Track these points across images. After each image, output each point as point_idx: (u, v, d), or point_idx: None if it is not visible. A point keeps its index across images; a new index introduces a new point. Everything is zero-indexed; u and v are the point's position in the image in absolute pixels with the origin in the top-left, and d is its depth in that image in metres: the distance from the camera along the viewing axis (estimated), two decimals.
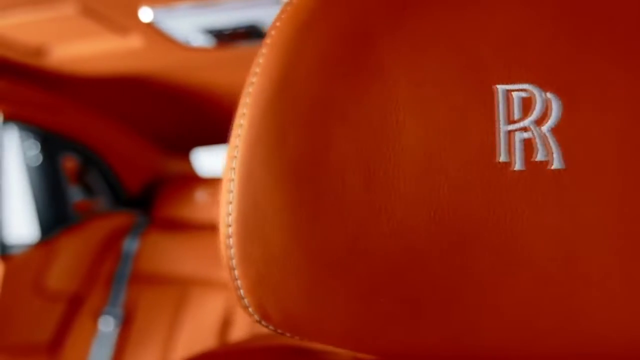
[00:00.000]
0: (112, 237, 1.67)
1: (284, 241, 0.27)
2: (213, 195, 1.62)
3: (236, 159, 0.28)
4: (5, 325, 1.40)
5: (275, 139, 0.27)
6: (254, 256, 0.27)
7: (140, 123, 1.70)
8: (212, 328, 1.46)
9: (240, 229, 0.27)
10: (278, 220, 0.27)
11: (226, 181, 0.28)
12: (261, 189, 0.27)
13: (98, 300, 1.56)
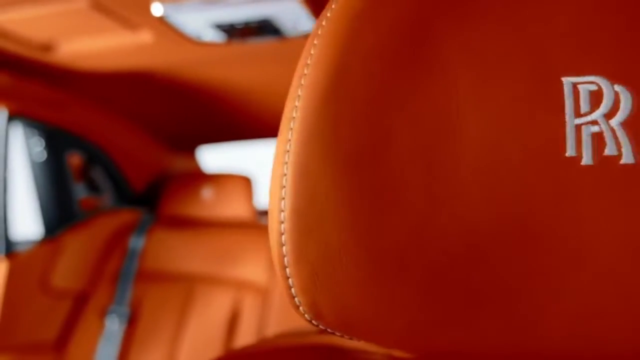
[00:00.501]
0: (117, 235, 1.66)
1: (341, 237, 0.26)
2: (219, 192, 1.61)
3: (289, 153, 0.27)
4: (11, 323, 1.39)
5: (332, 132, 0.26)
6: (309, 253, 0.26)
7: (146, 120, 1.69)
8: (220, 326, 1.45)
9: (294, 225, 0.26)
10: (335, 216, 0.26)
11: (277, 176, 0.27)
12: (317, 184, 0.26)
13: (104, 298, 1.55)
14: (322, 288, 0.26)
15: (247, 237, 1.56)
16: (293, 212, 0.26)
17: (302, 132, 0.26)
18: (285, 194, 0.26)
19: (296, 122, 0.27)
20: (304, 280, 0.27)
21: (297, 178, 0.26)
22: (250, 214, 1.58)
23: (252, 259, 1.52)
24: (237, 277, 1.51)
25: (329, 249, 0.26)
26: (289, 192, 0.26)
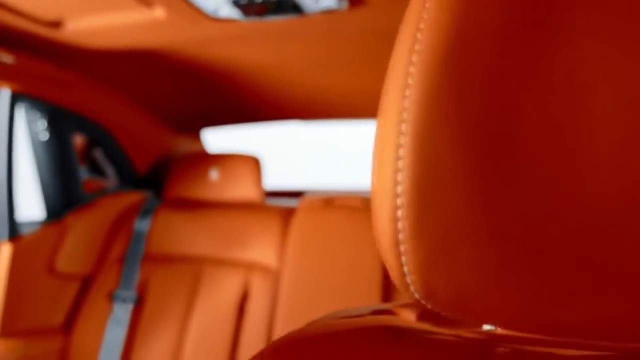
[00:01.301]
0: (122, 217, 1.64)
1: (463, 211, 0.24)
2: (227, 173, 1.59)
3: (406, 123, 0.25)
4: (17, 307, 1.37)
5: (456, 99, 0.24)
6: (427, 229, 0.25)
7: (152, 101, 1.66)
8: (229, 308, 1.44)
9: (414, 199, 0.25)
10: (458, 188, 0.24)
11: (392, 148, 0.25)
12: (439, 155, 0.24)
13: (110, 281, 1.53)
14: (439, 266, 0.25)
15: (256, 218, 1.54)
16: (413, 184, 0.25)
17: (421, 101, 0.24)
18: (402, 166, 0.25)
19: (413, 90, 0.25)
20: (420, 257, 0.25)
21: (417, 149, 0.24)
22: (259, 195, 1.56)
23: (261, 240, 1.50)
24: (246, 258, 1.49)
25: (449, 224, 0.24)
26: (408, 164, 0.25)
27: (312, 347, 0.35)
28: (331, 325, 0.38)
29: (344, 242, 1.43)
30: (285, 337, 0.37)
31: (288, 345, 0.36)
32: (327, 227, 1.46)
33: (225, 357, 1.39)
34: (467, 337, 0.33)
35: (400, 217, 0.25)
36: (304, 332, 0.38)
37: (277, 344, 0.37)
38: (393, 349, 0.33)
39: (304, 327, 0.39)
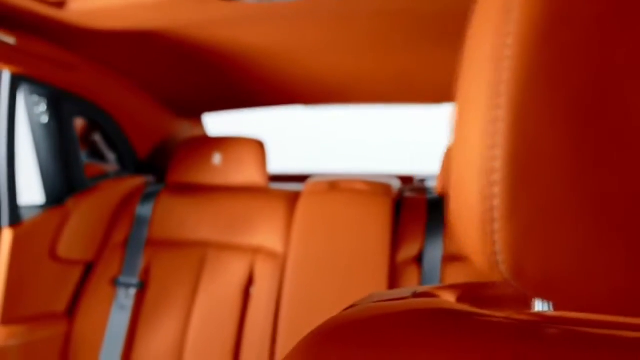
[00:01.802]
0: (124, 202, 1.62)
1: (560, 189, 0.23)
2: (230, 157, 1.57)
3: (504, 96, 0.24)
4: (20, 293, 1.35)
5: (554, 74, 0.23)
6: (523, 206, 0.24)
7: (154, 84, 1.63)
8: (234, 292, 1.43)
9: (510, 175, 0.23)
10: (556, 165, 0.23)
11: (487, 122, 0.24)
12: (538, 130, 0.23)
13: (113, 266, 1.52)
14: (533, 245, 0.24)
15: (260, 202, 1.53)
16: (510, 160, 0.23)
17: (520, 72, 0.23)
18: (499, 141, 0.24)
19: (511, 60, 0.24)
20: (514, 236, 0.24)
21: (516, 122, 0.23)
22: (263, 179, 1.54)
23: (266, 224, 1.49)
24: (251, 243, 1.48)
25: (546, 202, 0.23)
26: (505, 138, 0.23)
27: (366, 330, 0.34)
28: (378, 308, 0.37)
29: (349, 225, 1.42)
30: (331, 321, 0.36)
31: (339, 328, 0.35)
32: (332, 210, 1.46)
33: (231, 342, 1.38)
34: (518, 318, 0.32)
35: (496, 193, 0.24)
36: (350, 315, 0.37)
37: (324, 328, 0.36)
38: (448, 332, 0.32)
39: (346, 310, 0.38)
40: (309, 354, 0.34)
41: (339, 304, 1.35)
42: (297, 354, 0.34)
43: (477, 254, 0.26)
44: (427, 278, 1.36)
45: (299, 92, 1.70)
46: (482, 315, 0.34)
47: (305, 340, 0.35)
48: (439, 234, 1.41)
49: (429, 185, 1.64)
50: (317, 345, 0.34)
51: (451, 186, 0.28)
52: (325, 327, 0.36)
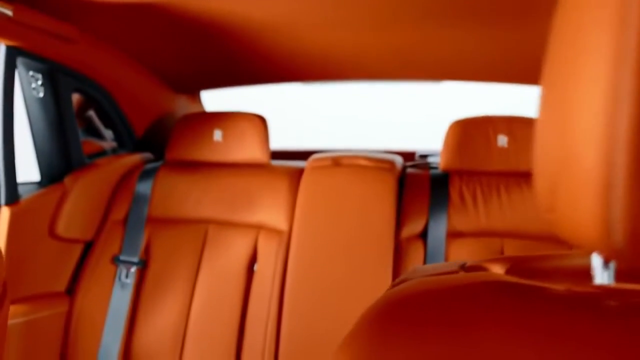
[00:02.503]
0: (123, 179, 1.60)
1: None
2: (231, 133, 1.54)
3: (629, 62, 0.22)
4: (20, 272, 1.33)
5: None
6: None
7: (152, 59, 1.60)
8: (238, 269, 1.42)
9: (635, 141, 0.22)
10: None
11: (608, 86, 0.23)
12: None
13: (113, 244, 1.50)
14: None
15: (263, 179, 1.51)
16: (635, 125, 0.22)
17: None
18: (624, 107, 0.22)
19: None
20: (635, 204, 0.23)
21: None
22: (265, 156, 1.53)
23: (269, 201, 1.48)
24: (254, 220, 1.47)
25: None
26: (632, 103, 0.22)
27: (434, 305, 0.33)
28: (438, 282, 0.36)
29: (353, 201, 1.41)
30: (392, 296, 0.35)
31: (403, 305, 0.34)
32: (336, 186, 1.45)
33: (236, 318, 1.38)
34: (579, 291, 0.32)
35: (620, 160, 0.23)
36: (411, 290, 0.35)
37: (388, 303, 0.35)
38: (516, 306, 0.31)
39: (402, 286, 0.36)
40: (376, 330, 0.32)
41: (344, 280, 1.34)
42: (362, 330, 0.33)
43: (585, 224, 0.25)
44: (432, 254, 1.36)
45: (298, 69, 1.67)
46: (544, 289, 0.33)
47: (368, 316, 0.34)
48: (443, 210, 1.41)
49: (431, 161, 1.63)
50: (384, 321, 0.33)
51: (549, 158, 0.26)
52: (387, 303, 0.35)
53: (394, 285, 0.39)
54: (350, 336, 0.33)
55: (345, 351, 0.32)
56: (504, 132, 1.42)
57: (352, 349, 0.32)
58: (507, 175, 1.42)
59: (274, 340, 1.34)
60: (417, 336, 0.31)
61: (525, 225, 1.36)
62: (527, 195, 1.39)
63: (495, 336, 0.29)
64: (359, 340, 0.32)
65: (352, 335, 0.33)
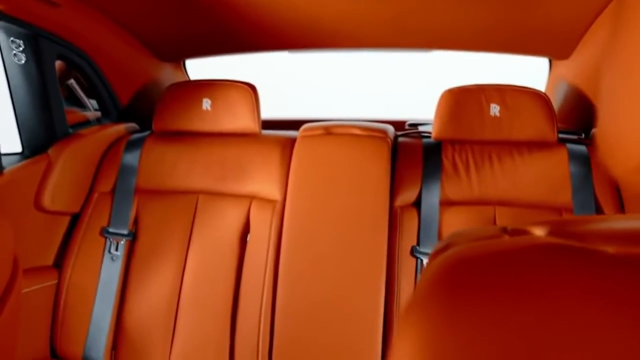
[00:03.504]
0: (109, 150, 1.55)
1: None
2: (220, 102, 1.51)
3: None
4: None
5: None
6: None
7: (136, 25, 1.54)
8: (230, 241, 1.40)
9: None
10: None
11: None
12: None
13: (101, 216, 1.47)
14: None
15: (254, 149, 1.49)
16: None
17: None
18: None
19: None
20: None
21: None
22: (256, 125, 1.50)
23: (261, 171, 1.46)
24: (245, 190, 1.45)
25: None
26: None
27: (498, 268, 0.32)
28: (489, 246, 0.35)
29: (347, 170, 1.41)
30: (450, 260, 0.34)
31: (465, 267, 0.33)
32: (329, 155, 1.43)
33: (230, 290, 1.37)
34: (633, 253, 0.31)
35: None
36: (465, 253, 0.34)
37: (449, 266, 0.34)
38: (578, 270, 0.30)
39: (453, 251, 0.35)
40: (444, 297, 0.31)
41: (339, 248, 1.34)
42: (428, 299, 0.32)
43: None
44: (426, 223, 1.37)
45: (286, 36, 1.64)
46: (596, 251, 0.32)
47: (429, 284, 0.33)
48: (436, 178, 1.41)
49: (421, 130, 1.62)
50: (451, 287, 0.32)
51: None
52: (448, 268, 0.33)
53: (440, 251, 0.37)
54: (415, 306, 0.32)
55: (414, 322, 0.31)
56: (496, 101, 1.42)
57: (423, 319, 0.31)
58: (499, 144, 1.43)
59: (270, 309, 1.34)
60: (488, 302, 0.30)
61: (517, 193, 1.37)
62: (519, 163, 1.40)
63: (567, 302, 0.29)
64: (427, 310, 0.31)
65: (416, 304, 0.32)
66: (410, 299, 0.34)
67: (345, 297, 1.31)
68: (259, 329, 1.33)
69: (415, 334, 0.31)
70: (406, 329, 0.32)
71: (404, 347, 0.31)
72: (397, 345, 0.31)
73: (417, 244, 1.35)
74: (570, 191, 1.35)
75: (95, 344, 1.37)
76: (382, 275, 1.31)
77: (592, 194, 1.34)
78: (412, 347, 0.30)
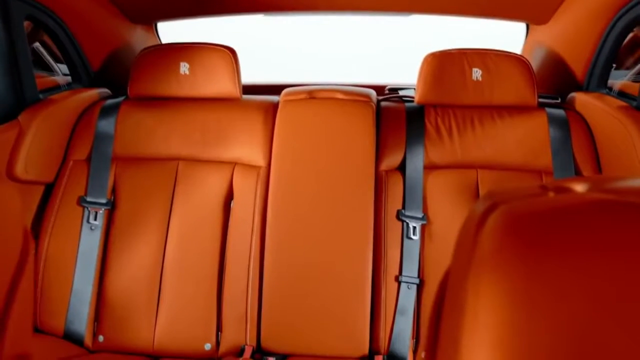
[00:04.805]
0: (82, 116, 1.49)
1: None
2: (199, 66, 1.46)
3: None
4: None
5: None
6: None
7: None
8: (213, 208, 1.38)
9: None
10: None
11: None
12: None
13: (78, 185, 1.41)
14: None
15: (235, 114, 1.46)
16: None
17: None
18: None
19: None
20: None
21: None
22: (236, 90, 1.46)
23: (243, 136, 1.43)
24: (227, 156, 1.42)
25: None
26: None
27: (563, 225, 0.32)
28: (543, 203, 0.35)
29: (332, 134, 1.39)
30: (508, 216, 0.34)
31: (528, 221, 0.33)
32: (313, 120, 1.42)
33: (215, 257, 1.35)
34: None
35: None
36: (523, 210, 0.34)
37: (513, 221, 0.33)
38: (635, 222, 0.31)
39: (507, 208, 0.35)
40: (526, 252, 0.31)
41: (326, 214, 1.34)
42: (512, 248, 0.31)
43: None
44: (410, 186, 1.38)
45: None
46: None
47: (500, 237, 0.32)
48: (419, 142, 1.41)
49: (402, 94, 1.62)
50: (530, 243, 0.32)
51: None
52: (518, 224, 0.33)
53: (490, 209, 0.37)
54: (490, 263, 0.32)
55: (494, 280, 0.31)
56: (478, 65, 1.43)
57: (506, 275, 0.31)
58: (480, 108, 1.44)
59: (257, 274, 1.33)
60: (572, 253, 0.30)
61: (499, 156, 1.39)
62: (500, 127, 1.41)
63: None
64: (509, 266, 0.31)
65: (491, 262, 0.32)
66: (468, 260, 0.33)
67: (333, 261, 1.32)
68: (247, 294, 1.32)
69: (501, 290, 0.30)
70: (487, 287, 0.31)
71: (488, 306, 0.30)
72: (480, 305, 0.31)
73: (402, 208, 1.36)
74: (550, 154, 1.38)
75: (77, 316, 1.34)
76: (370, 238, 1.32)
77: (571, 156, 1.37)
78: (501, 303, 0.30)
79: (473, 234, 0.34)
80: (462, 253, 0.36)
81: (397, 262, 1.33)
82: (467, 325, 0.31)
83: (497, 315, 0.30)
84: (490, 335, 0.30)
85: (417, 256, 1.33)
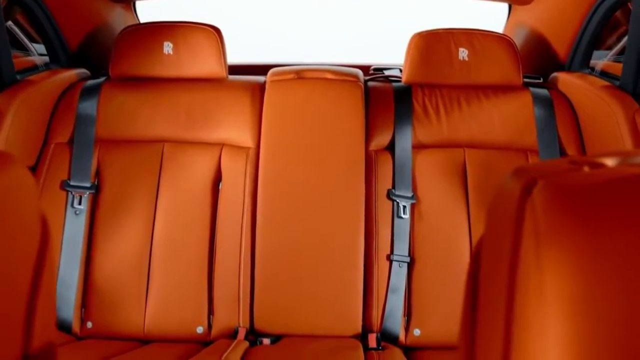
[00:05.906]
0: (62, 98, 1.44)
1: None
2: (183, 45, 1.43)
3: None
4: None
5: None
6: None
7: None
8: (201, 190, 1.36)
9: None
10: None
11: None
12: None
13: (60, 169, 1.37)
14: None
15: (221, 94, 1.43)
16: None
17: None
18: None
19: None
20: None
21: None
22: (222, 70, 1.44)
23: (230, 117, 1.41)
24: (214, 137, 1.40)
25: None
26: None
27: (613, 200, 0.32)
28: (584, 178, 0.35)
29: (321, 114, 1.39)
30: (554, 191, 0.34)
31: (578, 195, 0.33)
32: (303, 99, 1.41)
33: (205, 239, 1.34)
34: None
35: None
36: (568, 184, 0.34)
37: (563, 195, 0.33)
38: None
39: (548, 183, 0.35)
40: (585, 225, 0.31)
41: (318, 194, 1.34)
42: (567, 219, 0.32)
43: None
44: (400, 166, 1.38)
45: None
46: None
47: (553, 213, 0.33)
48: (407, 122, 1.42)
49: (388, 74, 1.62)
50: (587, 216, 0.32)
51: None
52: (570, 199, 0.33)
53: (530, 184, 0.37)
54: (549, 238, 0.32)
55: (557, 255, 0.31)
56: (465, 45, 1.44)
57: (570, 247, 0.31)
58: (467, 87, 1.45)
59: (249, 255, 1.33)
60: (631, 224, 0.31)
61: (485, 136, 1.41)
62: (486, 106, 1.43)
63: None
64: (571, 240, 0.31)
65: (549, 237, 0.32)
66: (515, 234, 0.34)
67: (325, 240, 1.32)
68: (239, 275, 1.32)
69: (569, 262, 0.31)
70: (551, 261, 0.31)
71: (557, 279, 0.31)
72: (545, 279, 0.31)
73: (392, 187, 1.37)
74: (535, 133, 1.40)
75: (64, 303, 1.31)
76: (361, 217, 1.33)
77: (556, 135, 1.40)
78: (570, 276, 0.30)
79: (515, 208, 0.34)
80: (502, 228, 0.36)
81: (388, 241, 1.34)
82: (530, 299, 0.31)
83: (567, 287, 0.30)
84: (561, 307, 0.30)
85: (407, 235, 1.34)
